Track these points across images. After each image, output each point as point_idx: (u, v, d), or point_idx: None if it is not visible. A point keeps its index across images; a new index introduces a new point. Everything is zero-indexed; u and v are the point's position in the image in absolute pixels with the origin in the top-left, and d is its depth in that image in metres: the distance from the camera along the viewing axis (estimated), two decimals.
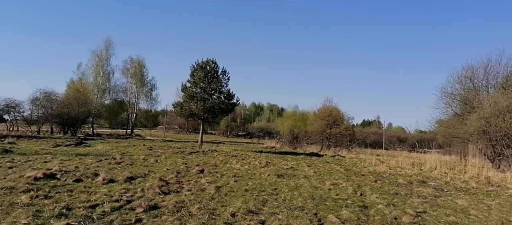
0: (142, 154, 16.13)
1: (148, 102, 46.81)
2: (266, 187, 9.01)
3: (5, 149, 13.87)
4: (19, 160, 11.21)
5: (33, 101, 34.18)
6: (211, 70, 22.43)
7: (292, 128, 33.63)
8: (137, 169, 10.75)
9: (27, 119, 34.40)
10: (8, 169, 9.26)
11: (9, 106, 33.14)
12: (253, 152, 21.95)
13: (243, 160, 15.61)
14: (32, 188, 6.71)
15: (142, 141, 29.90)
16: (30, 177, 7.77)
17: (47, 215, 5.00)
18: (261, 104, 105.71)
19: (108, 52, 39.88)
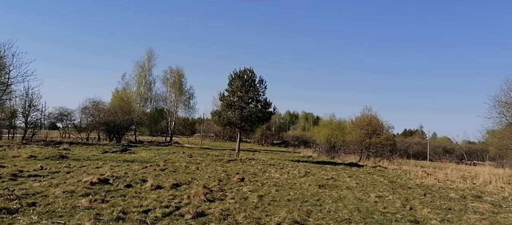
0: (183, 161, 16.61)
1: (186, 111, 48.32)
2: (308, 197, 8.89)
3: (62, 155, 14.95)
4: (74, 166, 12.02)
5: (82, 110, 36.66)
6: (249, 79, 22.72)
7: (329, 137, 33.04)
8: (180, 176, 11.08)
9: (77, 126, 36.90)
10: (66, 174, 9.96)
11: (62, 115, 35.76)
12: (290, 161, 21.79)
13: (282, 169, 15.55)
14: (90, 192, 7.16)
15: (181, 148, 30.82)
16: (87, 181, 8.29)
17: (106, 218, 5.30)
18: (296, 113, 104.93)
19: (150, 62, 41.87)
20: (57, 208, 5.76)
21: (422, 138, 66.33)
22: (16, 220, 4.86)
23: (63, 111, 35.21)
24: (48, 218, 5.10)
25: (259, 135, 62.94)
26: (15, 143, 23.14)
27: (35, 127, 31.64)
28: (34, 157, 14.02)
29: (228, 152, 27.22)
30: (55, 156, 14.65)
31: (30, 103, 29.12)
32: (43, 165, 11.47)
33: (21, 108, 29.03)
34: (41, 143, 24.43)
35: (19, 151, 16.34)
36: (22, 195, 6.52)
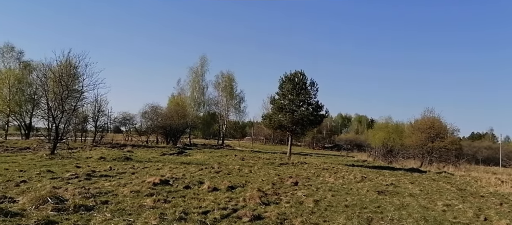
0: (236, 164, 16.92)
1: (237, 114, 49.40)
2: (367, 204, 8.48)
3: (126, 156, 16.15)
4: (138, 167, 12.89)
5: (143, 114, 39.40)
6: (300, 81, 22.49)
7: (385, 141, 31.33)
8: (235, 179, 11.28)
9: (138, 130, 39.68)
10: (131, 174, 10.71)
11: (125, 119, 38.81)
12: (344, 166, 21.07)
13: (336, 174, 15.08)
14: (153, 193, 7.58)
15: (232, 151, 31.49)
16: (150, 182, 8.81)
17: (170, 218, 5.56)
18: (348, 115, 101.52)
19: (203, 68, 43.65)
20: (126, 207, 6.19)
21: (493, 142, 60.03)
22: (93, 217, 5.31)
23: (126, 116, 38.22)
24: (119, 216, 5.49)
25: (310, 139, 61.96)
26: (87, 145, 25.57)
27: (103, 131, 34.75)
28: (103, 158, 15.33)
29: (279, 156, 27.18)
30: (121, 157, 15.87)
31: (99, 109, 32.09)
32: (111, 166, 12.47)
33: (92, 113, 32.09)
34: (108, 145, 26.67)
35: (91, 153, 17.97)
36: (96, 193, 7.12)
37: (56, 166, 11.94)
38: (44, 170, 10.54)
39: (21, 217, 4.91)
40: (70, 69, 19.51)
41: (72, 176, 9.46)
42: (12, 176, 9.14)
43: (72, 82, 20.47)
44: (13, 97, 32.40)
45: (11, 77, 32.29)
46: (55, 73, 18.46)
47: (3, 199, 5.96)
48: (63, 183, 8.38)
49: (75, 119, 28.27)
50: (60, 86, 17.44)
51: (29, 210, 5.35)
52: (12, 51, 33.89)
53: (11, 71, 32.97)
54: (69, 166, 12.17)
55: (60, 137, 17.89)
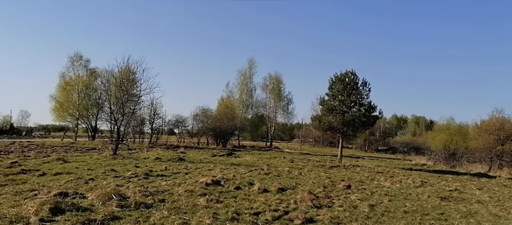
0: (286, 166, 16.80)
1: (285, 116, 49.16)
2: (429, 210, 7.86)
3: (180, 157, 16.90)
4: (191, 167, 13.39)
5: (194, 117, 40.99)
6: (351, 82, 21.71)
7: (447, 143, 28.96)
8: (284, 181, 11.18)
9: (190, 132, 41.36)
10: (185, 174, 11.15)
11: (178, 122, 40.71)
12: (401, 169, 19.86)
13: (392, 178, 14.24)
14: (206, 193, 7.79)
15: (281, 153, 31.38)
16: (202, 182, 9.08)
17: (223, 218, 5.65)
18: (404, 116, 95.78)
19: (251, 70, 44.23)
20: (181, 205, 6.43)
21: None
22: (152, 214, 5.59)
23: (179, 118, 40.05)
24: (175, 214, 5.71)
25: (362, 141, 59.51)
26: (144, 146, 27.26)
27: (158, 133, 36.85)
28: (159, 159, 16.19)
29: (329, 158, 26.48)
30: (175, 158, 16.63)
31: (154, 112, 34.10)
32: (166, 166, 13.11)
33: (148, 116, 34.20)
34: (163, 146, 28.18)
35: (148, 154, 19.10)
36: (154, 192, 7.51)
37: (118, 165, 12.86)
38: (108, 169, 11.40)
39: (90, 212, 5.32)
40: (129, 74, 20.93)
41: (133, 175, 10.09)
42: (82, 174, 10.01)
43: (131, 87, 21.98)
44: (81, 101, 35.76)
45: (80, 83, 35.69)
46: (117, 78, 19.96)
47: (75, 195, 6.53)
48: (125, 182, 8.97)
49: (133, 122, 30.29)
50: (121, 91, 18.81)
51: (96, 205, 5.79)
52: (80, 60, 37.40)
53: (79, 78, 36.42)
54: (129, 165, 13.04)
55: (121, 139, 19.27)
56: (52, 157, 14.42)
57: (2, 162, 11.84)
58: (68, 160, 13.59)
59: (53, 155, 15.45)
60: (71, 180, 8.68)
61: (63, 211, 5.11)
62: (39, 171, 10.01)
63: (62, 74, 36.93)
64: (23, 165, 11.19)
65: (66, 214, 5.05)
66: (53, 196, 6.16)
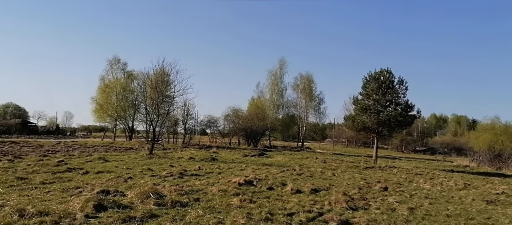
0: (318, 166, 16.53)
1: (316, 116, 48.47)
2: (474, 214, 7.39)
3: (212, 157, 17.18)
4: (223, 167, 13.57)
5: (225, 117, 41.57)
6: (386, 80, 20.93)
7: (492, 144, 27.10)
8: (318, 182, 11.00)
9: (221, 132, 41.99)
10: (218, 174, 11.31)
11: (210, 122, 41.49)
12: (441, 171, 18.84)
13: (432, 180, 13.55)
14: (239, 192, 7.84)
15: (313, 153, 30.93)
16: (235, 182, 9.15)
17: (256, 218, 5.65)
18: (444, 116, 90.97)
19: (281, 70, 44.08)
20: (215, 205, 6.51)
21: None
22: (187, 212, 5.71)
23: (211, 119, 40.80)
24: (210, 213, 5.79)
25: (398, 141, 57.15)
26: (178, 146, 28.05)
27: (191, 133, 37.76)
28: (192, 158, 16.57)
29: (363, 159, 25.72)
30: (207, 158, 16.94)
31: (187, 113, 34.99)
32: (200, 166, 13.37)
33: (181, 116, 35.17)
34: (196, 146, 28.82)
35: (182, 153, 19.62)
36: (189, 191, 7.68)
37: (154, 165, 13.32)
38: (145, 168, 11.83)
39: (130, 209, 5.54)
40: (163, 76, 21.63)
41: (168, 175, 10.39)
42: (121, 173, 10.47)
43: (165, 88, 22.70)
44: (119, 103, 37.47)
45: (118, 86, 37.41)
46: (152, 80, 20.70)
47: (115, 192, 6.83)
48: (161, 181, 9.27)
49: (167, 122, 31.25)
50: (156, 92, 19.49)
51: (136, 203, 6.02)
52: (118, 63, 39.22)
53: (118, 81, 38.19)
54: (164, 165, 13.46)
55: (157, 139, 19.96)
56: (94, 156, 15.24)
57: (50, 161, 12.68)
58: (108, 160, 14.28)
59: (95, 155, 16.31)
60: (111, 179, 9.10)
61: (106, 208, 5.36)
62: (82, 170, 10.61)
63: (102, 77, 38.98)
64: (68, 164, 11.91)
65: (108, 211, 5.29)
66: (96, 193, 6.48)
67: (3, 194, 6.50)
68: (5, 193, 6.68)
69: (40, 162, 12.19)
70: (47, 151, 17.86)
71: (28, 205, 5.28)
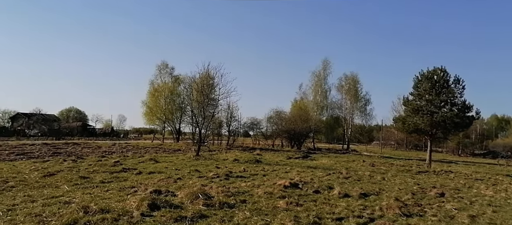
0: (366, 170, 15.91)
1: (363, 117, 46.73)
2: None
3: (256, 159, 17.31)
4: (268, 169, 13.59)
5: (268, 119, 41.72)
6: (440, 79, 19.57)
7: None
8: (366, 186, 10.56)
9: (264, 134, 42.18)
10: (263, 176, 11.35)
11: (253, 124, 41.94)
12: (505, 176, 17.13)
13: (495, 186, 12.37)
14: (285, 195, 7.78)
15: (359, 156, 29.86)
16: (280, 185, 9.10)
17: (304, 222, 5.56)
18: (507, 117, 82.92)
19: (325, 71, 43.20)
20: (261, 207, 6.52)
21: None
22: (235, 214, 5.79)
23: (254, 121, 41.22)
24: (257, 215, 5.82)
25: (455, 144, 53.09)
26: (222, 148, 28.68)
27: (234, 135, 38.42)
28: (237, 160, 16.82)
29: (415, 163, 24.23)
30: (252, 160, 17.08)
31: (231, 115, 35.67)
32: (244, 167, 13.52)
33: (225, 119, 35.92)
34: (239, 148, 29.25)
35: (226, 155, 20.01)
36: (235, 192, 7.79)
37: (201, 166, 13.73)
38: (193, 169, 12.24)
39: (181, 209, 5.75)
40: (208, 79, 22.28)
41: (214, 176, 10.65)
42: (171, 173, 10.94)
43: (210, 91, 23.36)
44: (167, 106, 39.26)
45: (166, 90, 39.26)
46: (198, 84, 21.42)
47: (167, 192, 7.14)
48: (208, 182, 9.51)
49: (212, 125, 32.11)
50: (202, 96, 20.12)
51: (186, 203, 6.24)
52: (166, 68, 41.19)
53: (166, 85, 40.10)
54: (210, 166, 13.82)
55: (203, 141, 20.59)
56: (145, 157, 16.11)
57: (107, 161, 13.64)
58: (159, 160, 15.01)
59: (146, 156, 17.24)
60: (162, 179, 9.54)
61: (159, 207, 5.62)
62: (136, 170, 11.25)
63: (151, 81, 41.18)
64: (123, 164, 12.72)
65: (161, 210, 5.54)
66: (150, 193, 6.82)
67: (69, 192, 7.11)
68: (70, 190, 7.30)
69: (99, 162, 13.16)
70: (105, 152, 19.25)
71: (91, 202, 5.71)
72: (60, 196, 6.61)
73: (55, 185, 7.93)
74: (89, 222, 4.60)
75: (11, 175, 9.27)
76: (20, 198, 6.31)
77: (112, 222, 4.77)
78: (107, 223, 4.70)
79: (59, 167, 11.44)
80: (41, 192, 7.03)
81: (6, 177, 8.76)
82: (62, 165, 12.13)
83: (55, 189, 7.43)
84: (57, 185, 7.93)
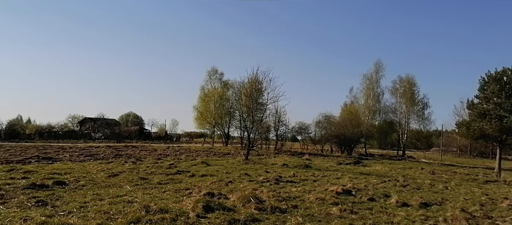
0: (426, 178, 14.82)
1: (420, 122, 43.56)
2: None
3: (306, 164, 17.04)
4: (318, 175, 13.30)
5: (317, 124, 40.97)
6: (510, 81, 17.61)
7: None
8: (427, 195, 9.84)
9: (312, 138, 41.46)
10: (313, 182, 11.13)
11: (301, 129, 41.46)
12: None
13: None
14: (338, 202, 7.53)
15: (417, 163, 27.96)
16: (333, 191, 8.84)
17: None
18: None
19: (377, 74, 41.25)
20: (314, 213, 6.38)
21: None
22: (287, 219, 5.73)
23: (302, 125, 40.74)
24: (310, 221, 5.71)
25: None
26: (270, 152, 28.74)
27: (282, 139, 38.33)
28: (286, 165, 16.72)
29: (482, 171, 22.04)
30: (301, 165, 16.86)
31: (279, 119, 35.68)
32: (294, 172, 13.39)
33: (273, 123, 36.02)
34: (288, 153, 29.06)
35: (275, 160, 20.00)
36: (286, 197, 7.73)
37: (250, 170, 13.88)
38: (242, 173, 12.41)
39: (233, 212, 5.84)
40: (257, 84, 22.52)
41: (264, 180, 10.69)
42: (222, 177, 11.21)
43: (258, 96, 23.60)
44: (217, 111, 40.46)
45: (216, 95, 40.52)
46: (247, 88, 21.77)
47: (219, 195, 7.32)
48: (258, 186, 9.57)
49: (260, 129, 32.37)
50: (250, 100, 20.41)
51: (238, 206, 6.33)
52: (216, 73, 42.61)
53: (215, 90, 41.41)
54: (260, 170, 13.90)
55: (252, 145, 20.83)
56: (197, 160, 16.72)
57: (163, 164, 14.40)
58: (210, 164, 15.48)
59: (198, 159, 17.87)
60: (214, 182, 9.81)
61: (213, 210, 5.77)
62: (189, 173, 11.72)
63: (202, 87, 42.83)
64: (177, 167, 13.33)
65: (215, 212, 5.69)
66: (203, 195, 7.05)
67: (131, 192, 7.62)
68: (132, 190, 7.82)
69: (156, 165, 13.94)
70: (160, 154, 20.37)
71: (151, 202, 6.05)
72: (123, 195, 7.12)
73: (118, 185, 8.56)
74: (151, 221, 4.87)
75: (81, 174, 10.20)
76: (90, 196, 6.91)
77: (170, 222, 5.01)
78: (166, 222, 4.95)
79: (121, 168, 12.34)
80: (107, 191, 7.63)
81: (78, 177, 9.66)
82: (124, 166, 13.06)
83: (119, 189, 8.02)
84: (121, 185, 8.55)
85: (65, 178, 9.14)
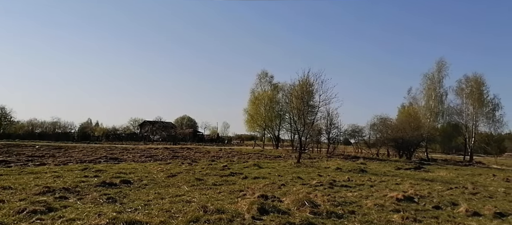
0: (499, 186, 13.30)
1: (490, 125, 39.31)
2: None
3: (361, 168, 16.34)
4: (375, 180, 12.67)
5: (371, 126, 39.18)
6: None
7: None
8: (501, 204, 8.82)
9: (367, 142, 39.70)
10: (370, 187, 10.61)
11: (354, 132, 39.96)
12: None
13: None
14: (399, 209, 7.06)
15: (487, 170, 25.26)
16: (392, 197, 8.33)
17: None
18: None
19: (440, 73, 38.19)
20: (373, 220, 6.07)
21: None
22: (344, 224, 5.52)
23: (355, 128, 39.26)
24: None
25: None
26: (322, 156, 28.09)
27: (334, 143, 37.23)
28: (339, 169, 16.19)
29: None
30: (356, 169, 16.20)
31: (330, 122, 34.75)
32: (349, 177, 12.90)
33: (324, 126, 35.16)
34: (340, 156, 28.15)
35: (328, 163, 19.49)
36: (342, 202, 7.46)
37: (302, 173, 13.69)
38: (295, 176, 12.28)
39: (288, 215, 5.78)
40: (308, 86, 22.19)
41: (318, 184, 10.45)
42: (274, 179, 11.20)
43: (309, 98, 23.22)
44: (267, 114, 40.69)
45: (266, 97, 40.81)
46: (298, 91, 21.56)
47: (273, 198, 7.32)
48: (312, 189, 9.38)
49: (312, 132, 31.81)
50: (301, 103, 20.17)
51: (292, 210, 6.26)
52: (266, 76, 42.97)
53: (265, 93, 41.73)
54: (312, 174, 13.64)
55: (303, 148, 20.55)
56: (249, 163, 16.94)
57: (216, 165, 14.84)
58: (262, 166, 15.58)
59: (250, 161, 18.11)
60: (267, 184, 9.84)
61: (267, 212, 5.77)
62: (242, 175, 11.91)
63: (252, 90, 43.46)
64: (230, 169, 13.63)
65: (270, 214, 5.68)
66: (257, 197, 7.10)
67: (189, 192, 7.96)
68: (189, 191, 8.16)
69: (210, 166, 14.41)
70: (213, 156, 21.03)
71: (208, 202, 6.24)
72: (182, 195, 7.47)
73: (177, 185, 9.00)
74: (209, 221, 5.03)
75: (144, 174, 10.92)
76: (152, 195, 7.36)
77: (227, 222, 5.12)
78: (223, 223, 5.06)
79: (178, 169, 12.98)
80: (167, 190, 8.07)
81: (141, 176, 10.37)
82: (181, 167, 13.72)
83: (178, 189, 8.43)
84: (179, 185, 8.98)
85: (130, 177, 9.86)
